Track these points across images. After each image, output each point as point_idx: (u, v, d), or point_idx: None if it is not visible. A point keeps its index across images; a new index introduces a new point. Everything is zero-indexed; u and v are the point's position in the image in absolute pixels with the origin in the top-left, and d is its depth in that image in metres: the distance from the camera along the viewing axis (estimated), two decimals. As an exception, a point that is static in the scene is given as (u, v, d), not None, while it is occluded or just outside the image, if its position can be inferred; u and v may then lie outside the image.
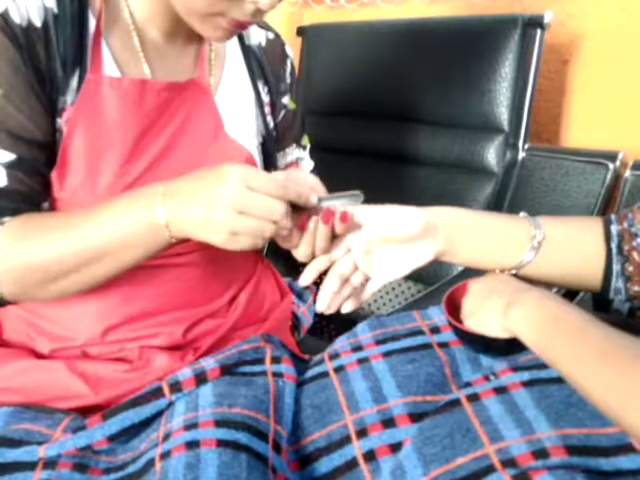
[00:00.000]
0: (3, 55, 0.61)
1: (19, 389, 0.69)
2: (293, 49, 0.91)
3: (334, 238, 0.66)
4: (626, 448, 0.50)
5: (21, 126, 0.63)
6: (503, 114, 1.18)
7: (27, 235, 0.63)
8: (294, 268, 0.77)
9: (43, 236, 0.63)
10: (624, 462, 0.50)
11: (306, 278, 0.67)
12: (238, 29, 0.66)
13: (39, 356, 0.73)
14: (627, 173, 1.06)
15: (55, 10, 0.63)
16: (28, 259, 0.62)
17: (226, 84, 0.78)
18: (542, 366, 0.57)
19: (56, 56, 0.63)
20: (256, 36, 0.84)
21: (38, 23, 0.62)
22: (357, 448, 0.58)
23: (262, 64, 0.83)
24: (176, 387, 0.64)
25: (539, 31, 1.14)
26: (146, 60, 0.71)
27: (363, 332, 0.70)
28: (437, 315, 0.71)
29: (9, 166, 0.63)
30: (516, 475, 0.49)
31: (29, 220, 0.65)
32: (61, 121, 0.65)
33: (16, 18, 0.61)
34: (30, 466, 0.58)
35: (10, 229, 0.64)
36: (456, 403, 0.57)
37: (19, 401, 0.68)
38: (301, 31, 1.52)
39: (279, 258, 1.05)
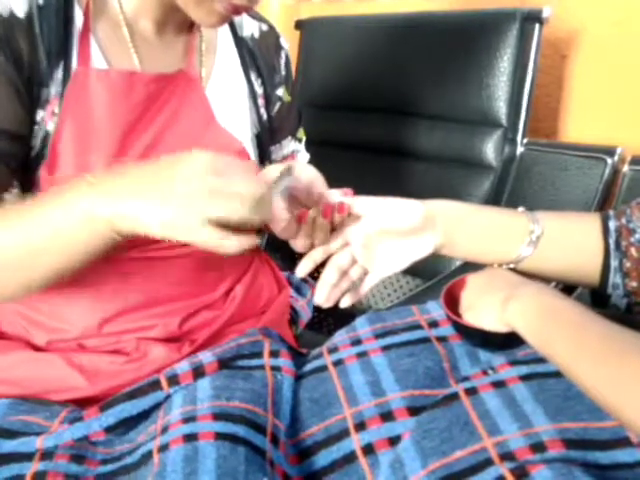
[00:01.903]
0: None
1: (16, 381, 0.69)
2: (291, 42, 0.91)
3: (333, 230, 0.66)
4: (623, 442, 0.51)
5: None
6: (501, 108, 1.18)
7: None
8: (292, 261, 0.77)
9: None
10: (621, 455, 0.50)
11: (303, 269, 0.67)
12: (233, 14, 0.65)
13: (35, 348, 0.72)
14: (625, 168, 1.06)
15: (40, 1, 0.63)
16: None
17: (218, 76, 0.78)
18: (540, 360, 0.57)
19: (40, 47, 0.62)
20: (249, 27, 0.83)
21: (21, 14, 0.61)
22: (356, 441, 0.58)
23: (255, 56, 0.82)
24: (174, 380, 0.65)
25: (537, 26, 1.14)
26: (135, 52, 0.70)
27: (362, 326, 0.70)
28: (435, 309, 0.71)
29: None
30: (514, 469, 0.49)
31: None
32: (44, 113, 0.64)
33: None
34: (27, 457, 0.58)
35: None
36: (454, 397, 0.58)
37: (16, 393, 0.67)
38: (299, 24, 1.52)
39: (277, 251, 1.05)
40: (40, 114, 0.64)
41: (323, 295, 0.66)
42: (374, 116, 1.38)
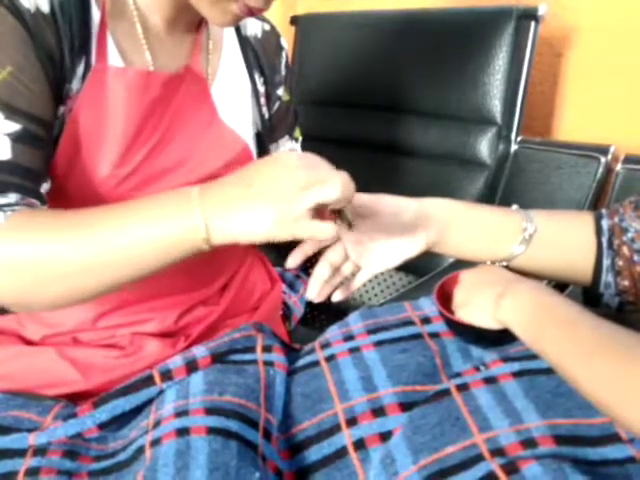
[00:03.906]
0: (14, 35, 0.59)
1: (8, 375, 0.68)
2: (286, 38, 0.91)
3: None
4: (613, 438, 0.51)
5: (29, 103, 0.60)
6: (496, 106, 1.18)
7: (35, 227, 0.56)
8: (285, 258, 0.77)
9: (54, 231, 0.56)
10: (611, 451, 0.51)
11: (293, 260, 0.66)
12: (247, 15, 0.65)
13: (29, 343, 0.72)
14: (618, 167, 1.06)
15: None
16: (31, 252, 0.55)
17: (223, 74, 0.78)
18: (532, 357, 0.58)
19: (64, 42, 0.62)
20: (252, 27, 0.83)
21: (46, 9, 0.61)
22: (347, 437, 0.58)
23: (258, 55, 0.83)
24: (167, 375, 0.65)
25: (533, 24, 1.14)
26: (148, 48, 0.70)
27: (355, 322, 0.70)
28: (428, 306, 0.71)
29: (15, 138, 0.59)
30: (504, 464, 0.49)
31: (39, 212, 0.59)
32: (64, 109, 0.64)
33: (25, 3, 0.60)
34: (20, 453, 0.58)
35: (18, 219, 0.57)
36: (446, 393, 0.58)
37: (8, 388, 0.67)
38: (294, 20, 1.52)
39: (270, 247, 1.05)
40: (61, 109, 0.64)
41: (315, 291, 0.66)
42: (369, 113, 1.37)
